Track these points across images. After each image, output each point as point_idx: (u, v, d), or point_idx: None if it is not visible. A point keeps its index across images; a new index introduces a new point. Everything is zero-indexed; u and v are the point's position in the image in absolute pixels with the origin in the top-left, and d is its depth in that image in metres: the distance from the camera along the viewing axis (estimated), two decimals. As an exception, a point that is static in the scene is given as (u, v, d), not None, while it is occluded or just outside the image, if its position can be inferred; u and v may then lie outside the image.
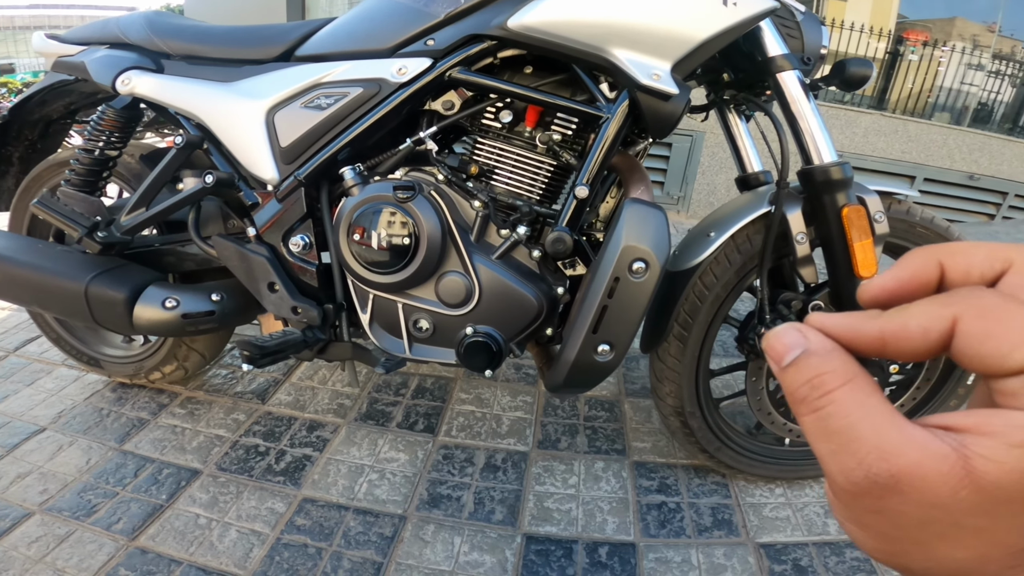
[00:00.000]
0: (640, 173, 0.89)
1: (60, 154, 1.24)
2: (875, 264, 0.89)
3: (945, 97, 3.71)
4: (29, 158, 1.31)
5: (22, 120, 1.25)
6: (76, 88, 1.17)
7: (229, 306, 1.01)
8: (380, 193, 0.82)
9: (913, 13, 3.67)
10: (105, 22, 1.12)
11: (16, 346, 1.60)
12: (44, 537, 0.97)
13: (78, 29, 1.16)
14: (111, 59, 1.03)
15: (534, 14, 0.78)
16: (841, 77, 0.94)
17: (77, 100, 1.25)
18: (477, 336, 0.84)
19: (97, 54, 1.05)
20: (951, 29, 3.72)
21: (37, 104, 1.23)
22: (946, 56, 3.63)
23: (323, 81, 0.90)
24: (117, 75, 1.00)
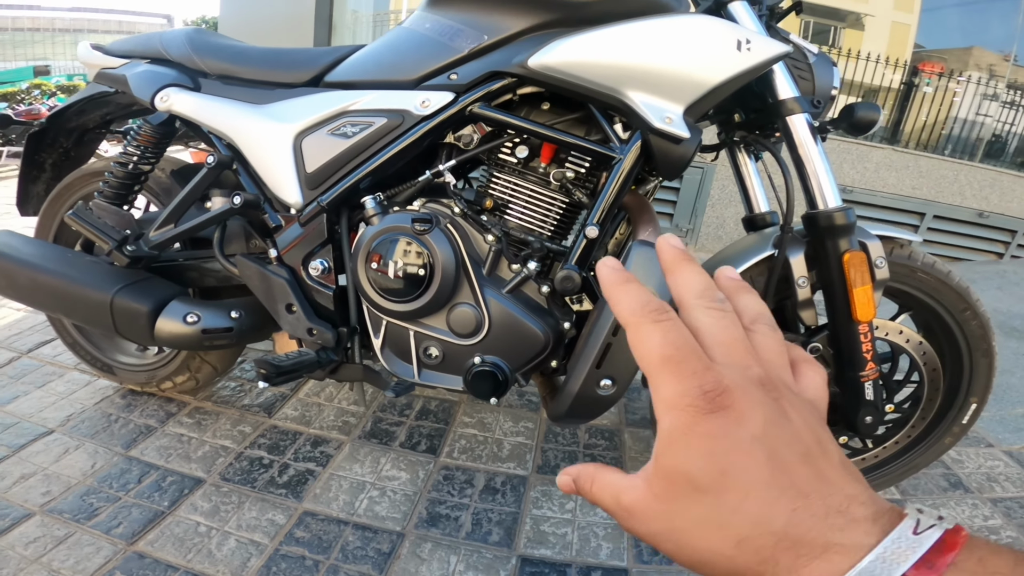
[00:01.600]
0: (649, 214, 0.92)
1: (92, 164, 1.29)
2: (873, 309, 0.91)
3: (959, 129, 3.68)
4: (61, 165, 1.35)
5: (59, 128, 1.29)
6: (114, 100, 1.20)
7: (246, 323, 1.04)
8: (399, 224, 0.85)
9: (930, 43, 3.66)
10: (148, 36, 1.16)
11: (30, 348, 1.64)
12: (42, 538, 0.98)
13: (121, 42, 1.20)
14: (152, 75, 1.06)
15: (554, 54, 0.82)
16: (849, 121, 0.96)
17: (113, 111, 1.29)
18: (484, 365, 0.86)
19: (138, 69, 1.09)
20: (968, 59, 3.69)
21: (75, 113, 1.27)
22: (961, 87, 3.60)
23: (350, 109, 0.93)
24: (156, 91, 1.03)
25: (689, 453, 0.21)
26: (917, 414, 1.10)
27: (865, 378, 0.95)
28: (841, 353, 0.95)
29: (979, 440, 1.47)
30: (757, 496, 0.20)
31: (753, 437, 0.21)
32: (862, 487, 0.22)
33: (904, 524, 0.20)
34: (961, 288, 0.99)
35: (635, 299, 0.24)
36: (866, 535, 0.19)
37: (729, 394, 0.21)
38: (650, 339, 0.23)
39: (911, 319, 1.10)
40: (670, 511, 0.22)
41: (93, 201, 1.11)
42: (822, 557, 0.19)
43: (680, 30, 0.80)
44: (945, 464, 1.35)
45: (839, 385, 0.99)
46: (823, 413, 0.25)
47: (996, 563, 0.18)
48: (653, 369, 0.23)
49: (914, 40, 3.58)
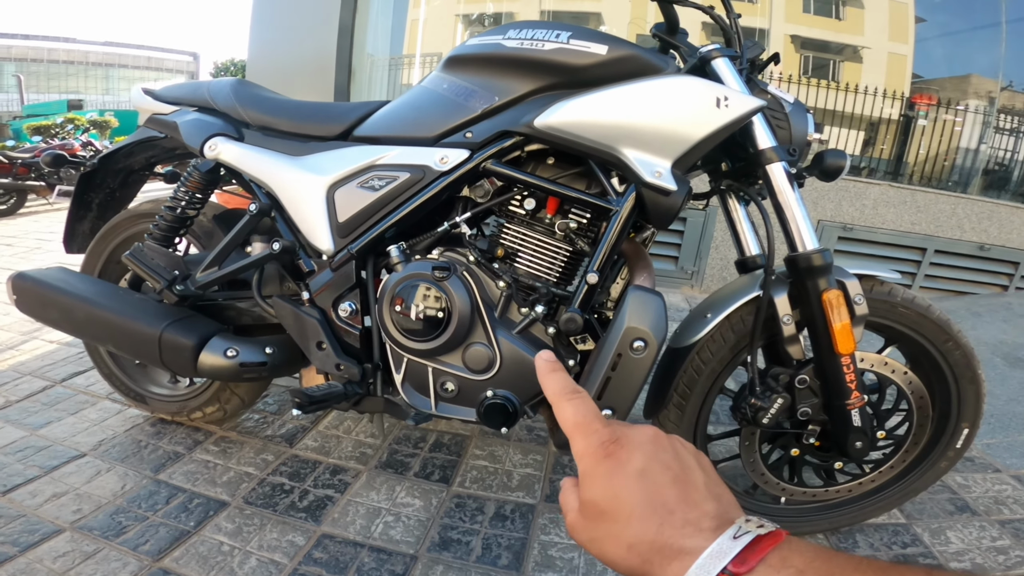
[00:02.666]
0: (644, 260, 1.01)
1: (139, 206, 1.37)
2: (853, 343, 0.96)
3: (957, 160, 3.59)
4: (107, 205, 1.43)
5: (108, 169, 1.37)
6: (160, 143, 1.28)
7: (279, 358, 1.12)
8: (420, 271, 0.93)
9: (928, 72, 3.58)
10: (197, 85, 1.25)
11: (63, 377, 1.71)
12: (71, 553, 1.02)
13: (171, 88, 1.27)
14: (201, 124, 1.14)
15: (557, 115, 0.90)
16: (820, 168, 1.02)
17: (158, 154, 1.38)
18: (496, 398, 0.93)
19: (188, 117, 1.17)
20: (966, 87, 3.60)
21: (124, 155, 1.35)
22: (957, 117, 3.51)
23: (377, 163, 1.01)
24: (205, 140, 1.11)
25: (595, 487, 0.31)
26: (909, 440, 1.13)
27: (851, 406, 1.00)
28: (828, 383, 1.01)
29: (986, 466, 1.48)
30: (638, 515, 0.29)
31: (636, 471, 0.30)
32: (717, 504, 0.30)
33: (728, 531, 0.28)
34: (942, 320, 1.03)
35: (559, 383, 0.35)
36: (705, 541, 0.28)
37: (619, 443, 0.31)
38: (566, 411, 0.33)
39: (899, 351, 1.14)
40: (589, 527, 0.31)
41: (145, 243, 1.20)
42: (677, 558, 0.28)
43: (665, 91, 0.87)
44: (951, 489, 1.36)
45: (828, 413, 1.04)
46: (690, 447, 0.34)
47: (796, 559, 0.26)
48: (568, 431, 0.33)
49: (911, 70, 3.54)
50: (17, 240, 4.04)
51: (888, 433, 1.11)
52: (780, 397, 1.00)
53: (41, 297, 1.18)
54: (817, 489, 1.15)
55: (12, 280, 1.21)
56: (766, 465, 1.12)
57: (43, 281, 1.19)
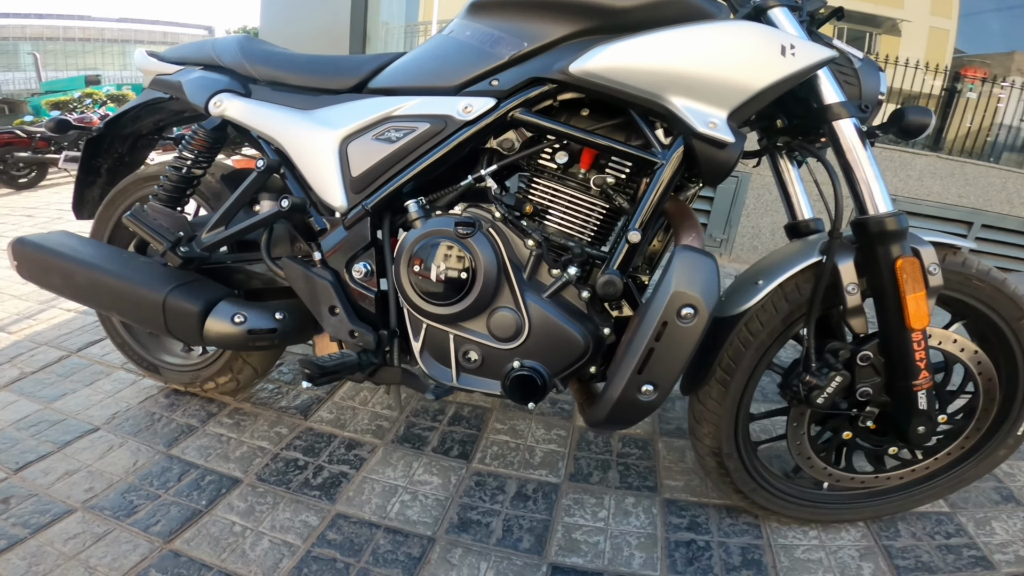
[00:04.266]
0: (691, 219, 0.91)
1: (145, 169, 1.33)
2: (927, 317, 0.88)
3: (1005, 136, 3.53)
4: (116, 170, 1.40)
5: (115, 134, 1.34)
6: (167, 106, 1.24)
7: (290, 325, 1.07)
8: (441, 228, 0.86)
9: (970, 48, 3.53)
10: (201, 44, 1.20)
11: (79, 347, 1.70)
12: (82, 534, 1.00)
13: (176, 49, 1.23)
14: (206, 81, 1.09)
15: (595, 60, 0.82)
16: (899, 125, 0.93)
17: (166, 117, 1.33)
18: (523, 370, 0.86)
19: (193, 75, 1.12)
20: (1010, 64, 3.55)
21: (131, 119, 1.31)
22: (1006, 92, 3.47)
23: (394, 115, 0.95)
24: (210, 97, 1.06)
25: None
26: (972, 425, 1.05)
27: (919, 387, 0.91)
28: (893, 362, 0.92)
29: (1033, 454, 1.39)
30: None
31: None
32: None
33: None
34: (1017, 296, 0.95)
35: None
36: None
37: None
38: None
39: (965, 328, 1.05)
40: None
41: (148, 204, 1.15)
42: None
43: (724, 36, 0.79)
44: (997, 478, 1.29)
45: (890, 395, 0.95)
46: None
47: None
48: None
49: (953, 45, 3.47)
50: (38, 211, 4.09)
51: (950, 417, 1.01)
52: (839, 375, 0.91)
53: (42, 262, 1.14)
54: (866, 475, 1.07)
55: (12, 245, 1.17)
56: (814, 448, 1.04)
57: (43, 246, 1.14)
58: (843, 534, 1.10)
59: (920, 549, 1.07)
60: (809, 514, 1.09)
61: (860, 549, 1.06)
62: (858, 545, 1.07)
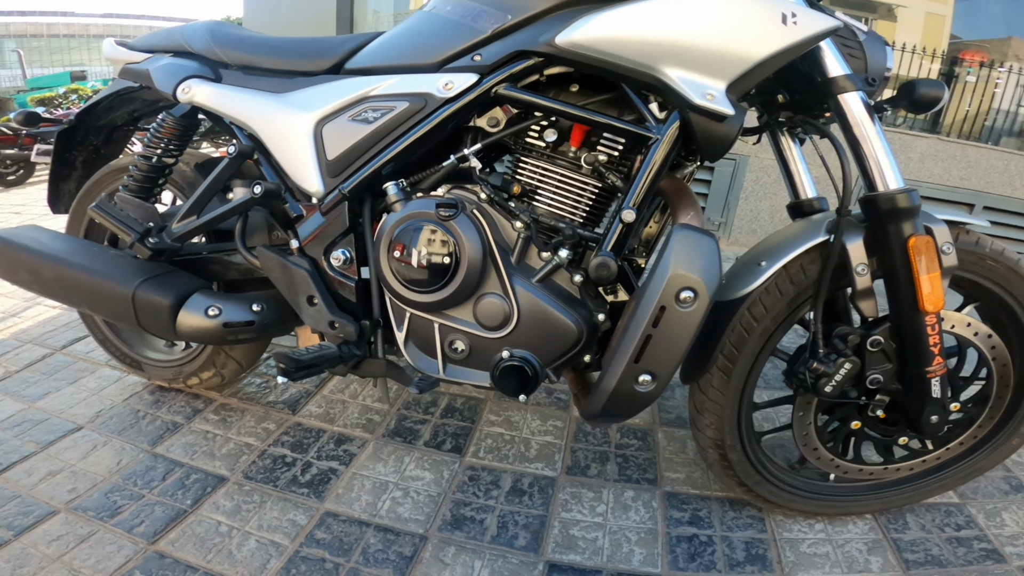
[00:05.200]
0: (689, 197, 0.86)
1: (120, 160, 1.29)
2: (942, 298, 0.83)
3: (1004, 120, 3.55)
4: (92, 163, 1.37)
5: (88, 125, 1.30)
6: (140, 95, 1.21)
7: (269, 317, 1.03)
8: (422, 210, 0.81)
9: (967, 33, 3.55)
10: (170, 31, 1.17)
11: (64, 344, 1.67)
12: (65, 536, 0.98)
13: (145, 37, 1.20)
14: (173, 67, 1.06)
15: (583, 31, 0.77)
16: (910, 99, 0.88)
17: (140, 107, 1.30)
18: (513, 360, 0.82)
19: (161, 62, 1.09)
20: (1007, 49, 3.59)
21: (103, 110, 1.28)
22: (1003, 77, 3.50)
23: (371, 95, 0.90)
24: (178, 83, 1.03)
25: None
26: (985, 413, 1.01)
27: (932, 374, 0.87)
28: (905, 347, 0.88)
29: (1044, 443, 1.36)
30: None
31: None
32: None
33: None
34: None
35: None
36: None
37: None
38: None
39: (976, 311, 1.01)
40: None
41: (117, 194, 1.10)
42: None
43: (721, 2, 0.74)
44: (1006, 467, 1.26)
45: (901, 382, 0.91)
46: None
47: None
48: None
49: (950, 30, 3.48)
50: (26, 208, 4.04)
51: (962, 405, 0.97)
52: (848, 362, 0.86)
53: (9, 257, 1.10)
54: (875, 467, 1.04)
55: None
56: (820, 439, 1.00)
57: (11, 241, 1.10)
58: (850, 527, 1.07)
59: (929, 542, 1.04)
60: (815, 507, 1.06)
61: (868, 542, 1.04)
62: (866, 538, 1.04)
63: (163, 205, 1.22)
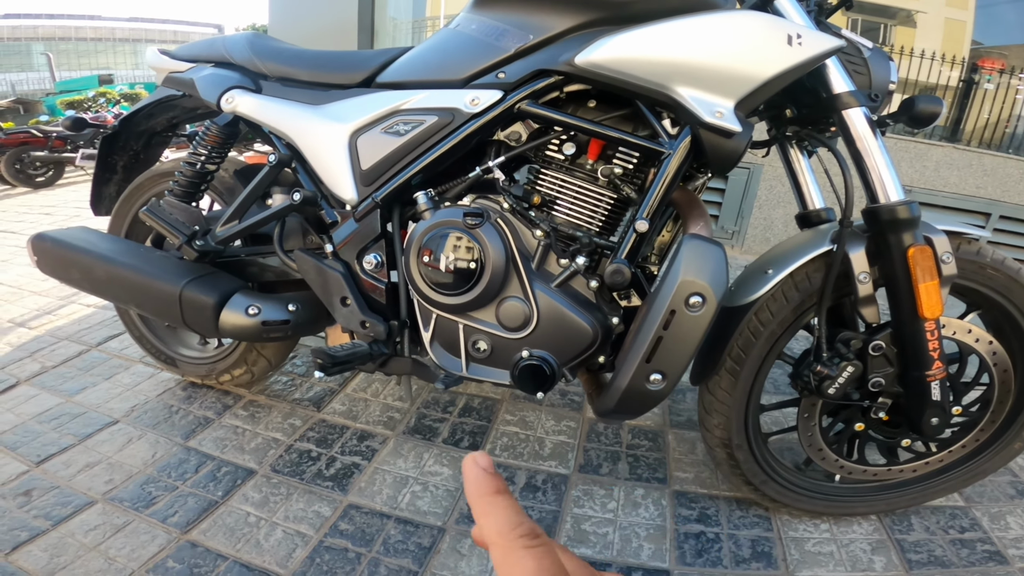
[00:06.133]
0: (699, 208, 0.91)
1: (161, 165, 1.35)
2: (940, 306, 0.87)
3: (1022, 127, 3.49)
4: (131, 167, 1.42)
5: (130, 131, 1.36)
6: (180, 103, 1.26)
7: (302, 316, 1.08)
8: (450, 218, 0.86)
9: (988, 39, 3.50)
10: (212, 41, 1.21)
11: (99, 341, 1.73)
12: (102, 526, 1.02)
13: (187, 47, 1.25)
14: (217, 78, 1.11)
15: (601, 52, 0.82)
16: (909, 114, 0.93)
17: (180, 115, 1.36)
18: (532, 360, 0.86)
19: (204, 72, 1.14)
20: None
21: (144, 116, 1.33)
22: (1023, 84, 3.43)
23: (402, 108, 0.95)
24: (222, 93, 1.08)
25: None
26: (986, 417, 1.03)
27: (932, 378, 0.90)
28: (905, 352, 0.91)
29: (1050, 449, 1.37)
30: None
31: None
32: None
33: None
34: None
35: (504, 518, 0.25)
36: None
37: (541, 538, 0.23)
38: (523, 565, 0.23)
39: (979, 318, 1.04)
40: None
41: (164, 199, 1.16)
42: None
43: (730, 26, 0.79)
44: (1012, 472, 1.28)
45: (903, 385, 0.94)
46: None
47: None
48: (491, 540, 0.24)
49: (971, 37, 3.44)
50: (56, 209, 4.15)
51: (964, 409, 1.00)
52: (850, 365, 0.90)
53: (61, 257, 1.16)
54: (879, 468, 1.06)
55: (32, 241, 1.20)
56: (825, 440, 1.03)
57: (63, 241, 1.17)
58: (855, 527, 1.09)
59: (933, 543, 1.06)
60: (820, 507, 1.09)
61: (872, 543, 1.06)
62: (870, 539, 1.07)
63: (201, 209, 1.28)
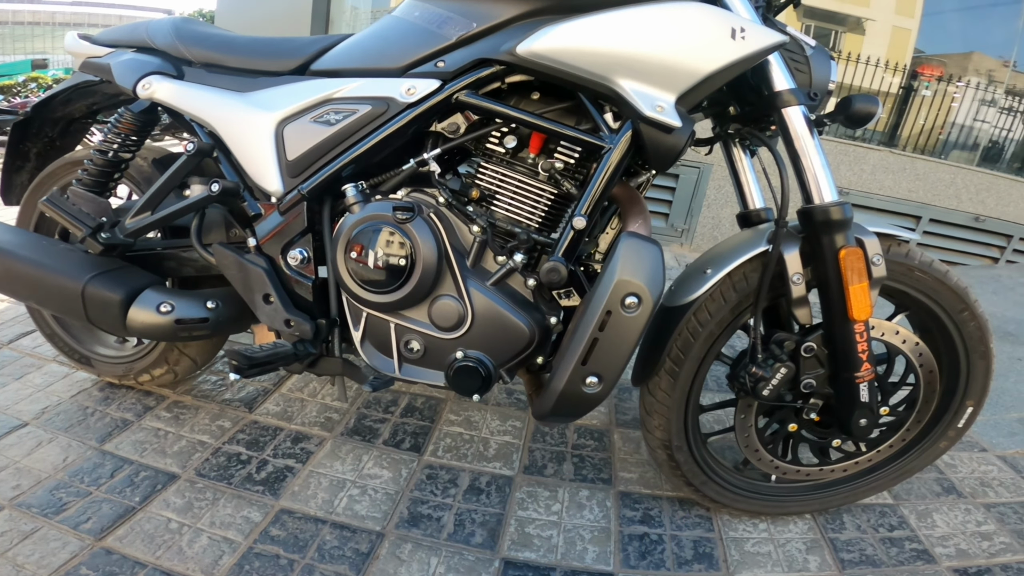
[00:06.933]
0: (639, 206, 0.90)
1: (75, 153, 1.26)
2: (870, 308, 0.88)
3: (957, 134, 3.69)
4: (46, 155, 1.33)
5: (44, 117, 1.27)
6: (100, 89, 1.19)
7: (223, 314, 1.02)
8: (380, 212, 0.82)
9: (930, 48, 3.67)
10: (135, 26, 1.14)
11: (10, 339, 1.60)
12: (8, 532, 0.95)
13: (109, 31, 1.18)
14: (135, 63, 1.05)
15: (543, 41, 0.80)
16: (846, 113, 0.93)
17: (100, 101, 1.27)
18: (467, 361, 0.84)
19: (123, 57, 1.07)
20: (967, 64, 3.71)
21: (61, 103, 1.25)
22: (960, 92, 3.62)
23: (334, 97, 0.91)
24: (139, 79, 1.02)
25: None
26: (912, 417, 1.07)
27: (860, 379, 0.92)
28: (836, 353, 0.93)
29: (972, 444, 1.44)
30: None
31: None
32: None
33: None
34: (959, 288, 0.97)
35: None
36: None
37: None
38: None
39: (907, 320, 1.07)
40: None
41: (71, 188, 1.08)
42: None
43: (673, 17, 0.78)
44: (938, 469, 1.33)
45: (833, 386, 0.96)
46: None
47: None
48: None
49: (914, 45, 3.60)
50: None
51: (891, 409, 1.03)
52: (784, 366, 0.91)
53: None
54: (812, 468, 1.09)
55: None
56: (761, 441, 1.04)
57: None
58: (791, 527, 1.11)
59: (864, 542, 1.09)
60: (758, 507, 1.10)
61: (807, 542, 1.08)
62: (805, 538, 1.09)
63: (119, 199, 1.19)
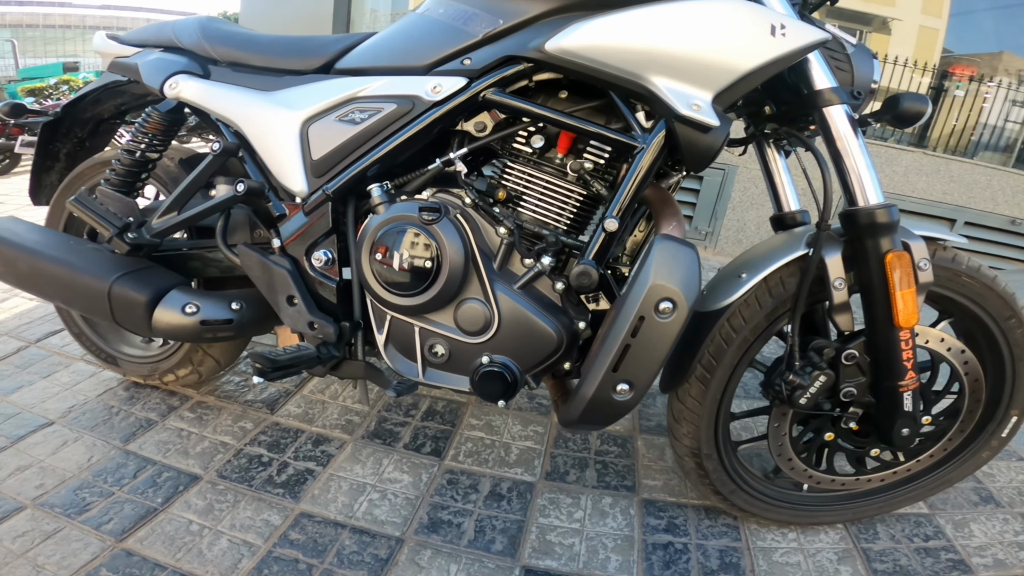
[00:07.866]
0: (672, 208, 0.87)
1: (104, 153, 1.27)
2: (917, 314, 0.84)
3: (990, 135, 3.59)
4: (76, 155, 1.34)
5: (74, 118, 1.29)
6: (128, 89, 1.20)
7: (248, 316, 1.01)
8: (405, 213, 0.81)
9: (959, 47, 3.58)
10: (161, 25, 1.15)
11: (39, 337, 1.63)
12: (31, 532, 0.96)
13: (136, 31, 1.19)
14: (162, 62, 1.05)
15: (573, 38, 0.77)
16: (893, 113, 0.89)
17: (128, 101, 1.28)
18: (493, 366, 0.82)
19: (150, 57, 1.08)
20: (997, 64, 3.61)
21: (90, 103, 1.26)
22: (992, 92, 3.52)
23: (359, 95, 0.90)
24: (166, 79, 1.03)
25: None
26: (956, 427, 1.02)
27: (904, 388, 0.88)
28: (879, 361, 0.89)
29: (1011, 453, 1.38)
30: None
31: None
32: None
33: None
34: (1007, 294, 0.92)
35: None
36: None
37: None
38: None
39: (951, 327, 1.02)
40: None
41: (99, 188, 1.09)
42: None
43: (710, 13, 0.75)
44: (976, 478, 1.28)
45: (874, 395, 0.92)
46: None
47: None
48: None
49: (942, 44, 3.51)
50: (9, 198, 3.96)
51: (934, 419, 0.99)
52: (823, 374, 0.87)
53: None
54: (847, 477, 1.05)
55: None
56: (795, 449, 1.00)
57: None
58: (822, 537, 1.08)
59: (898, 552, 1.05)
60: (788, 516, 1.07)
61: (838, 552, 1.04)
62: (836, 548, 1.05)
63: (146, 199, 1.20)
